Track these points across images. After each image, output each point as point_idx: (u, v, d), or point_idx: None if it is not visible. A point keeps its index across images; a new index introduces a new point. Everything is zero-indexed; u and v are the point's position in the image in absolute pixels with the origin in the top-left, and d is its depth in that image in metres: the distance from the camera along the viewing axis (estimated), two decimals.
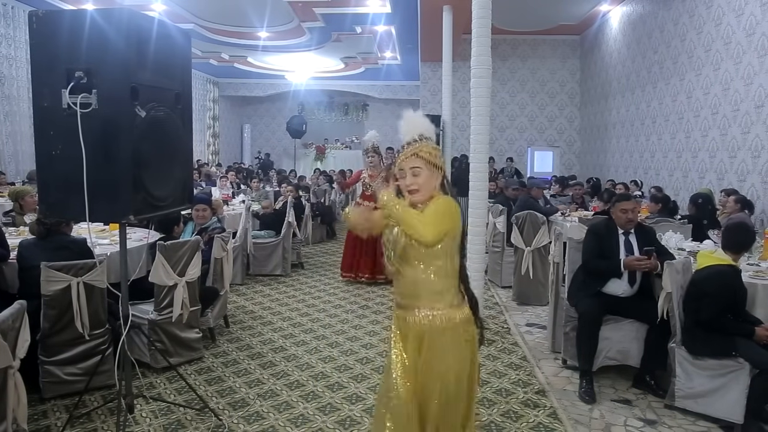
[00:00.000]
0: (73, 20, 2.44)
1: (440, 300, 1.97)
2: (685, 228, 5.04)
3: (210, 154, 18.60)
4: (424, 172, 1.96)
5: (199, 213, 4.95)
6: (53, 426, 3.05)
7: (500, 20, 11.12)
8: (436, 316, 1.96)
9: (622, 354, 3.68)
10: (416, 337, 1.99)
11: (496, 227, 6.27)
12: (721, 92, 7.51)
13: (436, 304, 1.97)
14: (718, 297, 3.16)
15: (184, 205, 3.10)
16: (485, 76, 4.77)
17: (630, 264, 3.55)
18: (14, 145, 10.09)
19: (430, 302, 1.97)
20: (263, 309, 5.37)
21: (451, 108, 10.21)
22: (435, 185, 1.99)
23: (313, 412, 3.28)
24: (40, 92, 2.48)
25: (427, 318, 1.97)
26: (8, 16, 9.93)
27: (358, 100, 21.23)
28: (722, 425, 3.15)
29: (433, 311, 1.96)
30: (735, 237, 3.32)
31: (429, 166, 1.96)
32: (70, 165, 2.41)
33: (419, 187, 1.97)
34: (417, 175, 1.97)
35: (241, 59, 16.44)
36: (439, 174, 1.99)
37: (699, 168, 8.11)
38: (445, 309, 1.96)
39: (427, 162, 1.96)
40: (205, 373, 3.82)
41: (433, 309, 1.96)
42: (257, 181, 10.49)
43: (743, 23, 6.98)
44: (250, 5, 10.82)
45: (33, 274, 3.21)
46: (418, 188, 1.97)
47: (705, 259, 3.35)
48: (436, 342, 1.96)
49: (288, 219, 6.80)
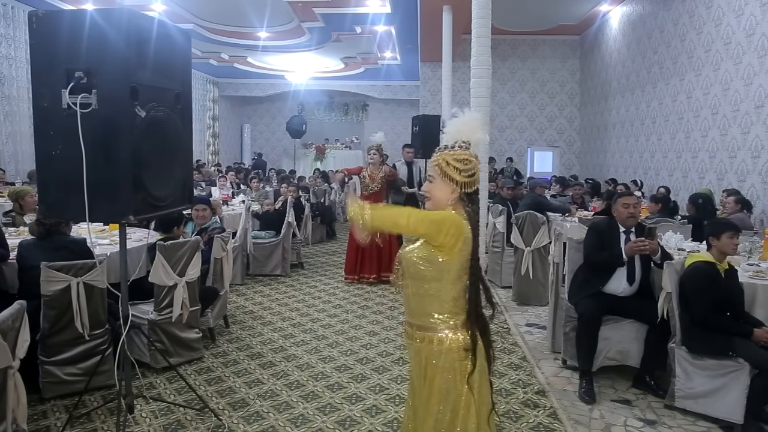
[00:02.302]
0: (73, 20, 2.44)
1: (437, 322, 1.92)
2: (685, 228, 5.04)
3: (210, 154, 18.61)
4: (436, 182, 1.93)
5: (199, 213, 4.96)
6: (53, 426, 3.05)
7: (500, 20, 11.12)
8: (432, 338, 1.92)
9: (622, 354, 3.68)
10: (417, 355, 1.98)
11: (495, 227, 6.27)
12: (721, 92, 7.51)
13: (432, 326, 1.92)
14: (702, 293, 3.19)
15: (184, 205, 3.10)
16: (485, 76, 4.78)
17: (631, 249, 3.54)
18: (14, 145, 10.09)
19: (427, 323, 1.93)
20: (263, 309, 5.37)
21: (451, 108, 10.21)
22: (448, 198, 1.91)
23: (313, 412, 3.28)
24: (40, 92, 2.48)
25: (423, 339, 1.94)
26: (8, 16, 9.93)
27: (358, 100, 21.23)
28: (722, 425, 3.15)
29: (428, 332, 1.92)
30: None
31: (443, 177, 1.90)
32: (69, 165, 2.41)
33: (430, 196, 1.95)
34: (431, 182, 1.95)
35: (241, 59, 16.45)
36: (454, 186, 1.89)
37: (699, 168, 8.11)
38: (441, 332, 1.91)
39: (442, 173, 1.90)
40: (205, 373, 3.82)
41: (429, 330, 1.92)
42: (257, 181, 10.49)
43: (743, 23, 6.98)
44: (250, 5, 10.83)
45: (33, 275, 3.21)
46: (429, 196, 1.96)
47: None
48: (430, 364, 1.93)
49: (288, 219, 6.80)
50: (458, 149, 1.92)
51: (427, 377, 1.94)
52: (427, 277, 1.89)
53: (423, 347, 1.94)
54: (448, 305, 1.92)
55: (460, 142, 1.93)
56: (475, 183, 1.93)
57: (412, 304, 1.97)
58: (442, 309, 1.92)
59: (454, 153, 1.91)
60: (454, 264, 1.87)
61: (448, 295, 1.91)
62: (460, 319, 1.93)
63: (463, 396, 1.91)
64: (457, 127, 1.96)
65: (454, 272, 1.89)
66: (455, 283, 1.91)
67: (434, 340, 1.91)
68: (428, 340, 1.93)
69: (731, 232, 3.26)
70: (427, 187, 1.97)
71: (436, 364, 1.92)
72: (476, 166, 1.93)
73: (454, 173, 1.88)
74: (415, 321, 1.97)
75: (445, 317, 1.92)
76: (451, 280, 1.89)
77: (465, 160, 1.89)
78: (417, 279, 1.91)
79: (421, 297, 1.93)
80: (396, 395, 3.50)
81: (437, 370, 1.92)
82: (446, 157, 1.90)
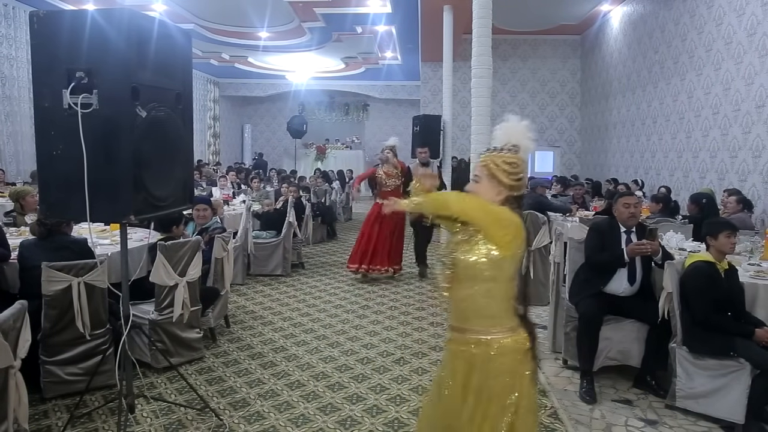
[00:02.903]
0: (74, 20, 2.44)
1: (493, 324, 1.89)
2: (686, 228, 5.04)
3: (210, 154, 18.61)
4: (483, 182, 1.93)
5: (200, 213, 4.96)
6: (54, 426, 3.05)
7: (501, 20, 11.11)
8: (488, 342, 1.87)
9: (623, 354, 3.67)
10: (467, 362, 1.92)
11: None
12: (722, 92, 7.51)
13: (486, 329, 1.88)
14: (702, 293, 3.19)
15: (184, 205, 3.10)
16: (486, 76, 4.78)
17: (632, 250, 3.54)
18: (15, 145, 10.09)
19: (481, 326, 1.89)
20: (264, 309, 5.37)
21: (451, 108, 10.22)
22: (494, 199, 1.91)
23: (313, 412, 3.28)
24: (40, 92, 2.48)
25: (477, 343, 1.89)
26: (9, 16, 9.94)
27: (358, 100, 21.23)
28: (723, 425, 3.15)
29: (483, 336, 1.88)
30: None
31: (490, 178, 1.91)
32: (70, 165, 2.41)
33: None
34: (476, 182, 1.95)
35: (242, 59, 16.45)
36: (501, 188, 1.90)
37: (700, 168, 8.10)
38: (497, 335, 1.88)
39: (490, 174, 1.91)
40: (205, 373, 3.82)
41: (483, 334, 1.88)
42: (258, 181, 10.50)
43: (744, 23, 6.97)
44: (251, 5, 10.83)
45: (34, 274, 3.22)
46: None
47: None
48: (485, 369, 1.88)
49: (289, 219, 6.81)
50: (507, 152, 1.92)
51: (479, 382, 1.88)
52: (483, 277, 1.86)
53: (478, 352, 1.89)
54: (502, 306, 1.90)
55: (509, 145, 1.93)
56: (521, 187, 1.93)
57: (465, 308, 1.93)
58: (497, 311, 1.89)
59: (504, 155, 1.92)
60: (509, 262, 1.86)
61: (503, 296, 1.89)
62: (514, 321, 1.91)
63: (524, 399, 1.88)
64: (507, 132, 1.96)
65: (509, 271, 1.88)
66: (508, 283, 1.89)
67: (491, 344, 1.87)
68: (484, 344, 1.88)
69: (728, 231, 3.27)
70: (473, 187, 1.96)
71: (492, 369, 1.87)
72: (524, 170, 1.93)
73: (502, 175, 1.89)
74: (467, 325, 1.92)
75: (499, 320, 1.89)
76: (504, 280, 1.88)
77: (514, 163, 1.90)
78: (472, 280, 1.88)
79: (474, 300, 1.89)
80: (397, 395, 3.50)
81: (493, 375, 1.87)
82: (495, 159, 1.91)
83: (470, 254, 1.86)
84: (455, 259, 1.91)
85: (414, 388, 3.61)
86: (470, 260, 1.86)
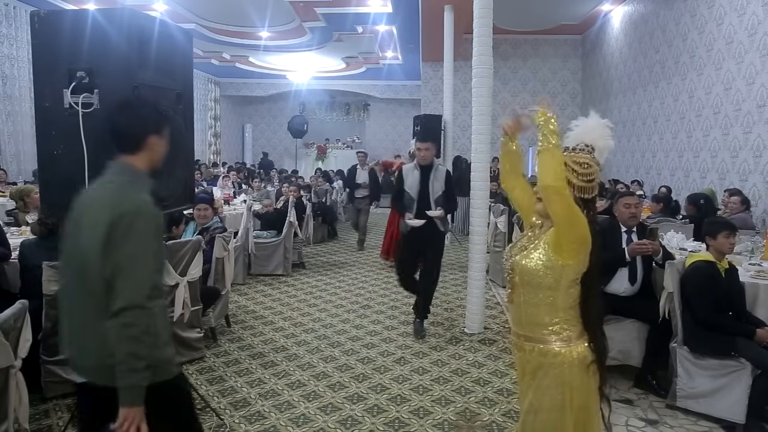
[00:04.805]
0: (75, 20, 2.44)
1: (549, 333, 1.81)
2: (686, 228, 5.03)
3: (211, 153, 18.61)
4: None
5: (201, 213, 4.96)
6: (55, 425, 3.05)
7: (501, 20, 11.10)
8: (543, 351, 1.81)
9: (624, 354, 3.67)
10: (522, 368, 1.91)
11: (497, 227, 6.26)
12: (722, 92, 7.50)
13: (544, 337, 1.82)
14: (702, 292, 3.19)
15: (185, 204, 3.10)
16: (486, 76, 4.76)
17: (633, 250, 3.54)
18: (16, 145, 10.09)
19: (538, 333, 1.83)
20: (264, 309, 5.37)
21: (452, 108, 10.22)
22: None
23: (314, 411, 3.28)
24: (41, 92, 2.47)
25: (532, 350, 1.84)
26: (10, 16, 9.94)
27: (359, 99, 21.21)
28: (724, 425, 3.15)
29: (539, 344, 1.83)
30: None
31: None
32: (71, 165, 2.41)
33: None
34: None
35: (243, 59, 16.45)
36: (569, 189, 1.78)
37: (701, 168, 8.09)
38: (553, 343, 1.80)
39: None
40: (206, 372, 3.83)
41: (540, 342, 1.82)
42: (258, 181, 10.50)
43: (745, 23, 6.97)
44: (252, 5, 10.83)
45: (35, 274, 3.22)
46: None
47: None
48: (538, 379, 1.84)
49: (289, 219, 6.81)
50: (580, 152, 1.84)
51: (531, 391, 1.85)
52: (544, 284, 1.80)
53: (532, 359, 1.85)
54: (562, 314, 1.82)
55: (582, 145, 1.86)
56: (593, 189, 1.84)
57: (524, 313, 1.87)
58: (556, 319, 1.82)
59: (575, 155, 1.84)
60: (572, 270, 1.79)
61: (563, 304, 1.81)
62: (575, 330, 1.82)
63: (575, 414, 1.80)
64: (583, 130, 1.89)
65: (570, 279, 1.80)
66: (569, 290, 1.81)
67: (546, 352, 1.81)
68: (539, 351, 1.83)
69: (727, 231, 3.27)
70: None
71: (545, 376, 1.82)
72: (596, 172, 1.84)
73: (570, 175, 1.80)
74: (525, 332, 1.87)
75: (558, 328, 1.82)
76: (565, 287, 1.80)
77: (585, 164, 1.82)
78: (532, 287, 1.82)
79: (534, 306, 1.83)
80: (398, 395, 3.50)
81: (545, 382, 1.82)
82: (565, 159, 1.81)
83: (530, 260, 1.81)
84: (514, 263, 1.87)
85: (415, 388, 3.61)
86: (529, 266, 1.81)
